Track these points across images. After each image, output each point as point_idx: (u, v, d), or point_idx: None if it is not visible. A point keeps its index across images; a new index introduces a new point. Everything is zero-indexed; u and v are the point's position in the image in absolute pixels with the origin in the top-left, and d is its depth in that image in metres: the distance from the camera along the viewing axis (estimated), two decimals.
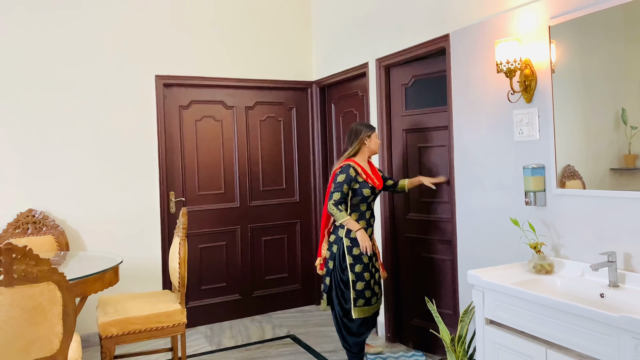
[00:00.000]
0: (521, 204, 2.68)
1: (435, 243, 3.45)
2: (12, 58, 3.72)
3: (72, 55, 3.89)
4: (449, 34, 3.13)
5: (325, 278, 3.33)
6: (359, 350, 3.32)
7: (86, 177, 3.93)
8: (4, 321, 2.02)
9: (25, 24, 3.75)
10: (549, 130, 2.51)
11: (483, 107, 2.91)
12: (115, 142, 4.02)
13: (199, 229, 4.35)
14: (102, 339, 2.85)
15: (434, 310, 2.85)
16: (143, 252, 4.08)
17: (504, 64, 2.53)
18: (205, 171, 4.41)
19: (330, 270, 3.29)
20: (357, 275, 3.19)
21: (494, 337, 2.25)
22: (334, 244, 3.29)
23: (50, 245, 3.65)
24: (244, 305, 4.54)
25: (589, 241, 2.35)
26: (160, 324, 2.97)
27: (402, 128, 3.71)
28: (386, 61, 3.73)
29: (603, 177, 2.30)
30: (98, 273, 2.78)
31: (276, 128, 4.73)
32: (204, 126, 4.41)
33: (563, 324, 1.93)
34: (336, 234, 3.29)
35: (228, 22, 4.44)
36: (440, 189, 3.39)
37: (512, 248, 2.75)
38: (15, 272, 2.02)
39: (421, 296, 3.57)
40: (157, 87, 4.16)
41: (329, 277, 3.31)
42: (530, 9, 2.58)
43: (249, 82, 4.53)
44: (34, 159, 3.78)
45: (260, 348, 3.80)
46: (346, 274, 3.21)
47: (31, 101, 3.77)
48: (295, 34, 4.74)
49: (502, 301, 2.20)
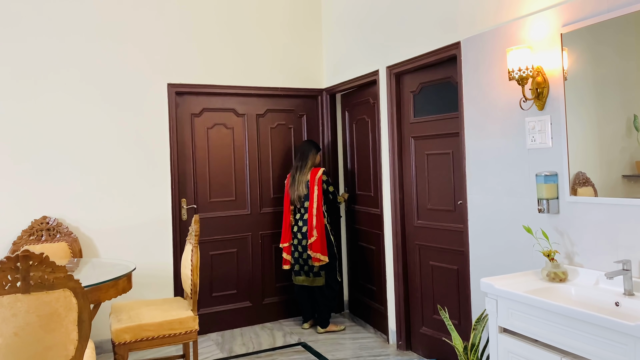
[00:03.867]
0: (534, 212, 2.67)
1: (445, 251, 3.44)
2: (26, 66, 3.78)
3: (86, 64, 3.94)
4: (460, 41, 3.14)
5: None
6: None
7: (99, 184, 3.97)
8: (20, 327, 2.04)
9: (39, 32, 3.81)
10: (561, 137, 2.50)
11: (495, 114, 2.91)
12: (128, 149, 4.07)
13: (210, 236, 4.37)
14: (116, 346, 2.87)
15: (446, 318, 2.84)
16: (155, 259, 4.11)
17: (515, 72, 2.54)
18: (216, 178, 4.44)
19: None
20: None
21: (507, 346, 2.24)
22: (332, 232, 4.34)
23: (64, 252, 3.69)
24: (254, 313, 4.55)
25: (603, 249, 2.34)
26: (172, 331, 2.99)
27: (411, 135, 3.72)
28: (397, 69, 3.74)
29: (615, 184, 2.29)
30: (112, 280, 2.80)
31: (287, 135, 4.75)
32: (215, 134, 4.45)
33: (578, 333, 1.92)
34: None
35: (239, 31, 4.48)
36: (450, 197, 3.39)
37: (525, 256, 2.74)
38: (32, 278, 2.05)
39: (429, 304, 3.56)
40: (169, 95, 4.20)
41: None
42: (542, 16, 2.59)
43: (260, 89, 4.57)
44: (48, 167, 3.83)
45: (272, 355, 3.80)
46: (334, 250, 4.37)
47: (44, 109, 3.83)
48: (305, 42, 4.78)
49: (515, 309, 2.19)
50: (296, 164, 4.35)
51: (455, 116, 3.32)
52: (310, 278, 4.25)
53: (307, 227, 4.23)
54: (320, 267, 4.22)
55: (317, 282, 4.24)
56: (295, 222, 4.33)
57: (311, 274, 4.24)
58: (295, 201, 4.29)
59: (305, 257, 4.25)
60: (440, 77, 3.45)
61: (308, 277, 4.26)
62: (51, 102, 3.84)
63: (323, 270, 4.23)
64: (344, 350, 3.84)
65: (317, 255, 4.15)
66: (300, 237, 4.27)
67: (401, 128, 3.80)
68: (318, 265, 4.20)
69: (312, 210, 4.20)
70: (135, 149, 4.09)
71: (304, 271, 4.28)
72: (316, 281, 4.24)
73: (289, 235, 4.33)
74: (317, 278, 4.24)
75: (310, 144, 4.39)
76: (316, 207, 4.20)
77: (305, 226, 4.25)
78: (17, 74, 3.75)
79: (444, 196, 3.45)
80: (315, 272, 4.23)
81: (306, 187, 4.24)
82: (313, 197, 4.21)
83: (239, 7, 4.49)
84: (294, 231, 4.32)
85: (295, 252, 4.31)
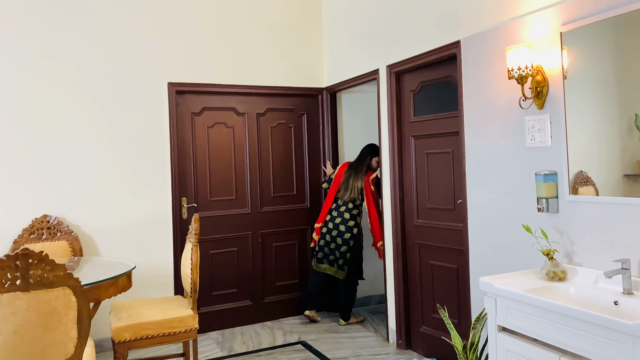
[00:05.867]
0: (533, 211, 2.67)
1: (445, 250, 3.44)
2: (27, 65, 3.78)
3: (86, 63, 3.95)
4: (459, 40, 3.14)
5: (346, 254, 4.33)
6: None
7: (100, 183, 3.98)
8: (20, 325, 2.05)
9: (39, 32, 3.82)
10: (561, 136, 2.50)
11: (494, 113, 2.91)
12: (128, 148, 4.07)
13: (210, 235, 4.38)
14: (115, 344, 2.87)
15: (445, 317, 2.84)
16: (155, 258, 4.12)
17: (515, 71, 2.53)
18: (217, 177, 4.44)
19: (351, 247, 4.33)
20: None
21: (506, 345, 2.24)
22: (354, 227, 4.34)
23: (65, 251, 3.70)
24: (254, 311, 4.55)
25: (602, 248, 2.33)
26: (172, 330, 2.99)
27: (411, 134, 3.72)
28: (397, 68, 3.74)
29: (616, 183, 2.28)
30: (112, 278, 2.80)
31: (287, 134, 4.75)
32: (215, 133, 4.45)
33: (577, 332, 1.92)
34: (355, 219, 4.35)
35: (239, 30, 4.49)
36: (449, 196, 3.39)
37: (524, 255, 2.74)
38: (32, 277, 2.05)
39: (429, 303, 3.56)
40: (169, 94, 4.20)
41: (350, 253, 4.34)
42: (542, 15, 2.58)
43: (260, 88, 4.57)
44: (49, 166, 3.83)
45: (272, 354, 3.81)
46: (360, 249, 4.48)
47: (45, 108, 3.83)
48: (306, 41, 4.78)
49: (514, 308, 2.19)
50: (354, 165, 4.44)
51: (455, 115, 3.32)
52: (334, 268, 4.36)
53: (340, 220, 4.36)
54: (345, 263, 4.33)
55: (339, 274, 4.35)
56: (334, 210, 4.45)
57: (336, 264, 4.35)
58: (341, 198, 4.41)
59: (332, 247, 4.36)
60: (440, 76, 3.45)
61: (332, 267, 4.37)
62: (51, 100, 3.85)
63: (347, 266, 4.34)
64: (344, 349, 3.84)
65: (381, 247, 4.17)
66: (331, 226, 4.39)
67: (401, 127, 3.80)
68: (342, 260, 4.33)
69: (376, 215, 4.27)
70: (135, 148, 4.09)
71: (328, 260, 4.38)
72: (339, 273, 4.35)
73: (323, 218, 4.48)
74: (340, 271, 4.34)
75: (367, 149, 4.45)
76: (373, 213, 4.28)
77: (339, 217, 4.37)
78: (17, 74, 3.75)
79: (444, 195, 3.45)
80: (340, 266, 4.35)
81: (359, 193, 4.35)
82: (372, 205, 4.29)
83: (239, 6, 4.48)
84: (327, 219, 4.45)
85: (323, 239, 4.44)
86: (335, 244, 4.35)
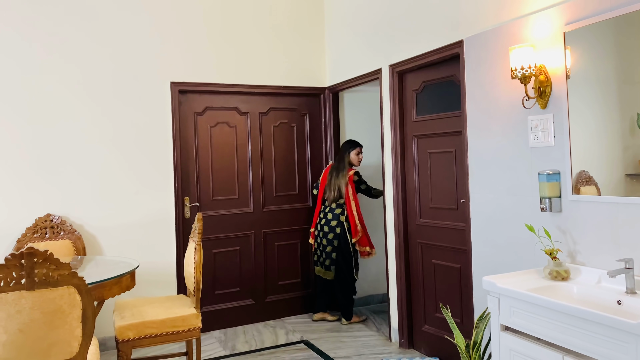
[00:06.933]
0: (536, 210, 2.67)
1: (448, 249, 3.45)
2: (30, 65, 3.79)
3: (89, 63, 3.96)
4: (462, 40, 3.14)
5: (332, 254, 4.34)
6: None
7: (103, 182, 3.99)
8: (25, 324, 2.06)
9: (40, 31, 3.82)
10: (564, 136, 2.50)
11: (497, 113, 2.91)
12: (131, 148, 4.08)
13: (213, 234, 4.38)
14: (119, 343, 2.88)
15: (448, 316, 2.84)
16: (158, 257, 4.13)
17: (518, 70, 2.54)
18: (219, 176, 4.45)
19: (336, 247, 4.33)
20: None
21: (509, 344, 2.25)
22: (336, 227, 4.32)
23: (68, 250, 3.71)
24: (257, 310, 4.56)
25: (605, 248, 2.34)
26: (176, 328, 3.00)
27: (414, 134, 3.72)
28: (399, 67, 3.74)
29: (618, 183, 2.29)
30: (115, 277, 2.81)
31: (289, 134, 4.76)
32: (218, 132, 4.46)
33: (580, 331, 1.92)
34: (337, 219, 4.33)
35: (242, 29, 4.49)
36: (452, 196, 3.39)
37: (527, 254, 2.74)
38: (37, 275, 2.06)
39: (431, 302, 3.57)
40: (172, 94, 4.21)
41: (335, 252, 4.34)
42: (545, 15, 2.59)
43: (263, 88, 4.58)
44: (52, 165, 3.84)
45: (274, 353, 3.82)
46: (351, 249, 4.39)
47: (48, 108, 3.84)
48: (308, 41, 4.78)
49: (517, 307, 2.20)
50: (335, 166, 4.48)
51: (457, 115, 3.32)
52: (323, 270, 4.45)
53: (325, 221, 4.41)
54: (331, 263, 4.36)
55: (328, 275, 4.41)
56: (322, 212, 4.49)
57: (323, 265, 4.44)
58: (327, 200, 4.44)
59: (322, 248, 4.43)
60: (443, 76, 3.45)
61: (321, 269, 4.47)
62: (54, 100, 3.86)
63: (333, 266, 4.37)
64: (346, 348, 3.85)
65: (365, 249, 4.37)
66: (319, 229, 4.45)
67: (404, 127, 3.80)
68: (329, 260, 4.37)
69: (352, 212, 4.33)
70: (138, 147, 4.10)
71: (320, 262, 4.47)
72: (327, 274, 4.42)
73: (315, 222, 4.54)
74: (328, 272, 4.41)
75: (345, 145, 4.51)
76: (355, 210, 4.34)
77: (324, 219, 4.42)
78: (21, 74, 3.76)
79: (447, 194, 3.45)
80: (327, 266, 4.41)
81: (338, 192, 4.37)
82: (350, 203, 4.34)
83: (242, 6, 4.49)
84: (317, 223, 4.50)
85: (316, 242, 4.52)
86: (322, 245, 4.43)
